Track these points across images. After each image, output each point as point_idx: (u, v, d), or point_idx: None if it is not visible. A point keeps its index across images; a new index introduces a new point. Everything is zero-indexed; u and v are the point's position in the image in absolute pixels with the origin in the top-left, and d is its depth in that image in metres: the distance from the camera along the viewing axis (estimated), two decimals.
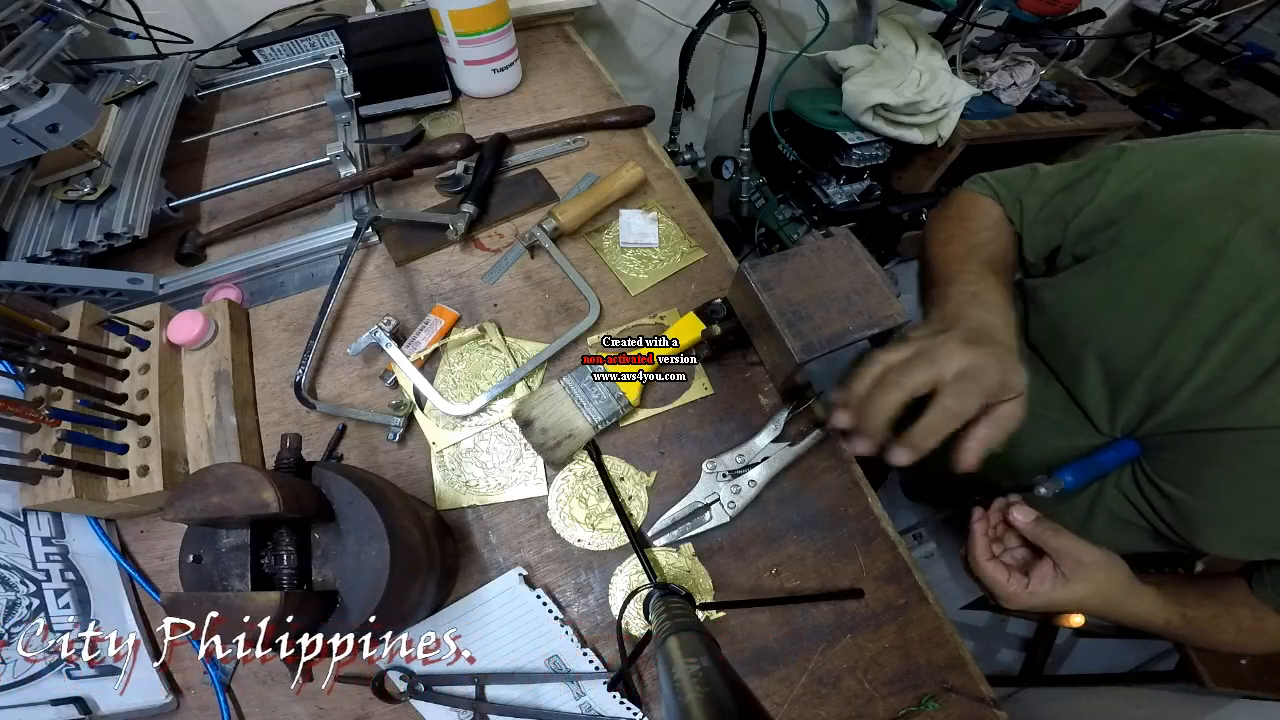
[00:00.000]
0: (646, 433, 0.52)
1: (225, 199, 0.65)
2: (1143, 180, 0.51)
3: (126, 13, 0.71)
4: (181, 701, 0.45)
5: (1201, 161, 0.49)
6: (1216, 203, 0.46)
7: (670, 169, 0.68)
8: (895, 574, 0.48)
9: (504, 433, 0.52)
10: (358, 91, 0.69)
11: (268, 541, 0.32)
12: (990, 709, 0.44)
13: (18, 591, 0.44)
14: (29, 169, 0.59)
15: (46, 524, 0.46)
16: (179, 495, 0.30)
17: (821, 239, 0.48)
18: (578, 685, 0.45)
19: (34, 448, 0.42)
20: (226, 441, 0.48)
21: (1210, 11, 1.40)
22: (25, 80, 0.46)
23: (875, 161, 1.31)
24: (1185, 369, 0.47)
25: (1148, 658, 1.31)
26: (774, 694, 0.45)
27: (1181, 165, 0.49)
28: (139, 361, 0.49)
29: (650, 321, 0.57)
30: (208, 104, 0.76)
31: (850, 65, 1.24)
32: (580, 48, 0.83)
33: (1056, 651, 1.32)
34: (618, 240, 0.61)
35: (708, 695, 0.24)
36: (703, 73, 1.27)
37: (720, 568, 0.48)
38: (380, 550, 0.32)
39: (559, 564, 0.48)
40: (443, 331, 0.55)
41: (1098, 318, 0.53)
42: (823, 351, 0.44)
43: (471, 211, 0.60)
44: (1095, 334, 0.53)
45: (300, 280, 0.60)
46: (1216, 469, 0.48)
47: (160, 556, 0.48)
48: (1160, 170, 0.50)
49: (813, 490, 0.50)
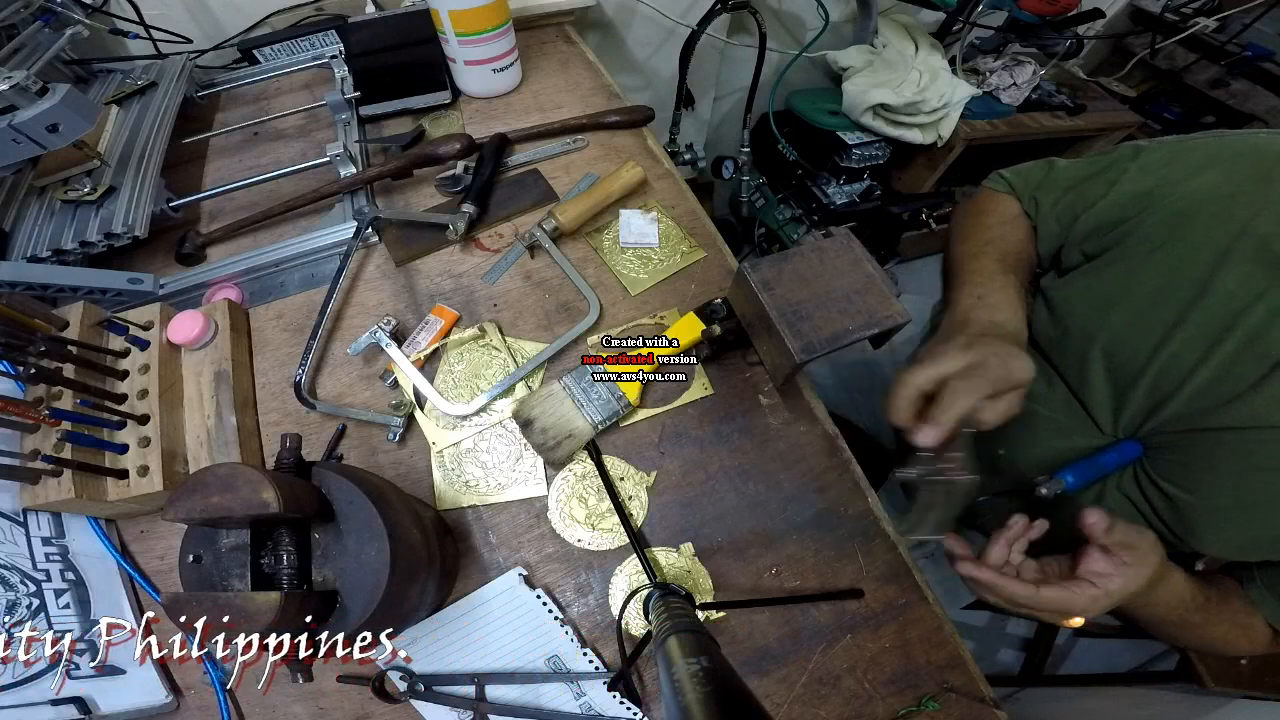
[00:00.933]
0: (646, 433, 0.52)
1: (225, 199, 0.65)
2: (1158, 177, 0.51)
3: (126, 13, 0.71)
4: (181, 701, 0.45)
5: (1216, 160, 0.49)
6: (1228, 201, 0.46)
7: (670, 169, 0.68)
8: (895, 574, 0.48)
9: (504, 433, 0.52)
10: (358, 91, 0.69)
11: (268, 541, 0.32)
12: (990, 709, 0.45)
13: (18, 591, 0.44)
14: (29, 169, 0.59)
15: (46, 524, 0.46)
16: (179, 495, 0.30)
17: (821, 239, 0.48)
18: (578, 685, 0.45)
19: (34, 448, 0.42)
20: (226, 441, 0.48)
21: (1210, 11, 1.40)
22: (25, 80, 0.46)
23: (875, 161, 1.31)
24: (1188, 367, 0.47)
25: (1148, 658, 1.31)
26: (774, 694, 0.45)
27: (1197, 163, 0.50)
28: (139, 361, 0.49)
29: (650, 321, 0.57)
30: (208, 104, 0.76)
31: (850, 65, 1.24)
32: (580, 48, 0.83)
33: (1056, 651, 1.32)
34: (618, 240, 0.61)
35: (708, 695, 0.24)
36: (703, 73, 1.27)
37: (720, 568, 0.48)
38: (380, 550, 0.32)
39: (559, 564, 0.48)
40: (443, 331, 0.55)
41: (1104, 315, 0.53)
42: (823, 351, 0.44)
43: (471, 211, 0.60)
44: (1101, 332, 0.53)
45: (300, 280, 0.60)
46: (1217, 468, 0.48)
47: (160, 556, 0.48)
48: (1175, 168, 0.50)
49: (813, 490, 0.50)
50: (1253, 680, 0.92)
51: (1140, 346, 0.50)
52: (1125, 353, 0.52)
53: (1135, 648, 1.32)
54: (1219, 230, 0.46)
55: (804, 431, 0.52)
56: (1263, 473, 0.45)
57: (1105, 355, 0.53)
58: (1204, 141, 0.51)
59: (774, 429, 0.52)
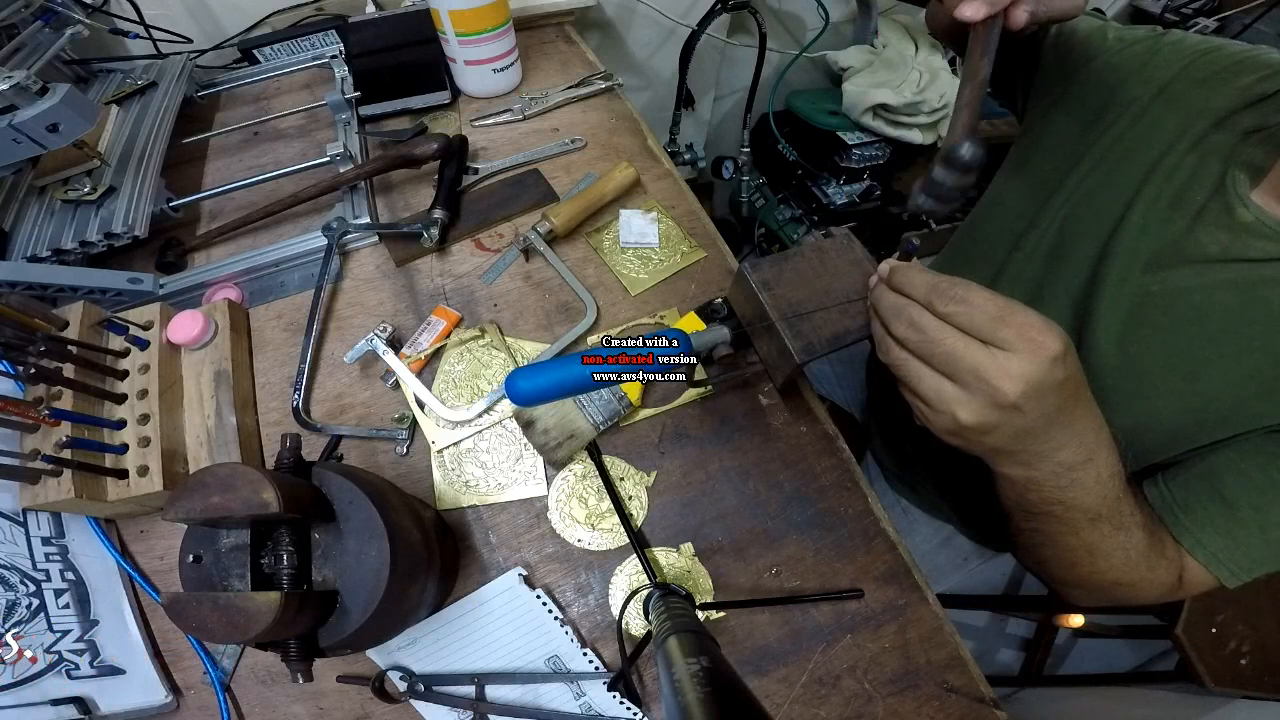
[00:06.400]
0: (646, 433, 0.52)
1: (225, 199, 0.65)
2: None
3: (126, 13, 0.71)
4: (181, 701, 0.45)
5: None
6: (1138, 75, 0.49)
7: (670, 169, 0.68)
8: (895, 574, 0.48)
9: (504, 433, 0.52)
10: (358, 91, 0.69)
11: (268, 541, 0.32)
12: (990, 709, 0.44)
13: (18, 591, 0.44)
14: (29, 169, 0.59)
15: (46, 524, 0.46)
16: (179, 495, 0.30)
17: (822, 239, 0.48)
18: (578, 685, 0.45)
19: (34, 448, 0.42)
20: (226, 441, 0.48)
21: (1210, 11, 1.40)
22: (25, 80, 0.46)
23: (875, 162, 1.31)
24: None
25: (1148, 658, 1.31)
26: (774, 694, 0.45)
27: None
28: (139, 361, 0.49)
29: (650, 321, 0.57)
30: (208, 104, 0.76)
31: (850, 65, 1.24)
32: (580, 48, 0.83)
33: (1056, 651, 1.32)
34: (618, 240, 0.61)
35: (708, 695, 0.24)
36: (703, 73, 1.27)
37: (720, 568, 0.48)
38: (380, 550, 0.32)
39: (559, 564, 0.48)
40: (444, 332, 0.55)
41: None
42: (823, 352, 0.44)
43: (442, 216, 0.59)
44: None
45: (300, 280, 0.60)
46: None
47: (160, 556, 0.48)
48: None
49: (813, 490, 0.50)
50: (1253, 680, 0.92)
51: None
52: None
53: (1135, 648, 1.32)
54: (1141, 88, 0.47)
55: (804, 431, 0.52)
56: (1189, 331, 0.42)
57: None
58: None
59: (774, 429, 0.52)
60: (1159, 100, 0.48)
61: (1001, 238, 0.58)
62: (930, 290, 0.33)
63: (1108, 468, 0.37)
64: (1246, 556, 0.40)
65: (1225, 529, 0.40)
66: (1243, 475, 0.41)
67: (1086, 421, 0.35)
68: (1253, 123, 0.43)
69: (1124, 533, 0.40)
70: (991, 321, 0.31)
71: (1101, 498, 0.38)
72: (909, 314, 0.34)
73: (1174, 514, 0.42)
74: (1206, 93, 0.46)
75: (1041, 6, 0.37)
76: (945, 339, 0.32)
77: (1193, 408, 0.43)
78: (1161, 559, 0.41)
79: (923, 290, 0.33)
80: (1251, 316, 0.41)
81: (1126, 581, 0.42)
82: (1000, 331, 0.30)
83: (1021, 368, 0.30)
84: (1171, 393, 0.43)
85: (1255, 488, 0.40)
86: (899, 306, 0.34)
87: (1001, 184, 0.63)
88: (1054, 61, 0.56)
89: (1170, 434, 0.44)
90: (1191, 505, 0.42)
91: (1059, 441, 0.35)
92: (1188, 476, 0.43)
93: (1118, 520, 0.39)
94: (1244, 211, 0.42)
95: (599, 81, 0.75)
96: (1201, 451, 0.43)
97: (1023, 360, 0.30)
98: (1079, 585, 0.46)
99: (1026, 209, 0.55)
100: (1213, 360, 0.42)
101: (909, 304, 0.34)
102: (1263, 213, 0.41)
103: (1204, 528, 0.41)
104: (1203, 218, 0.44)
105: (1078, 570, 0.43)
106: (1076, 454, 0.35)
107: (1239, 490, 0.40)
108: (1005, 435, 0.33)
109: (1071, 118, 0.54)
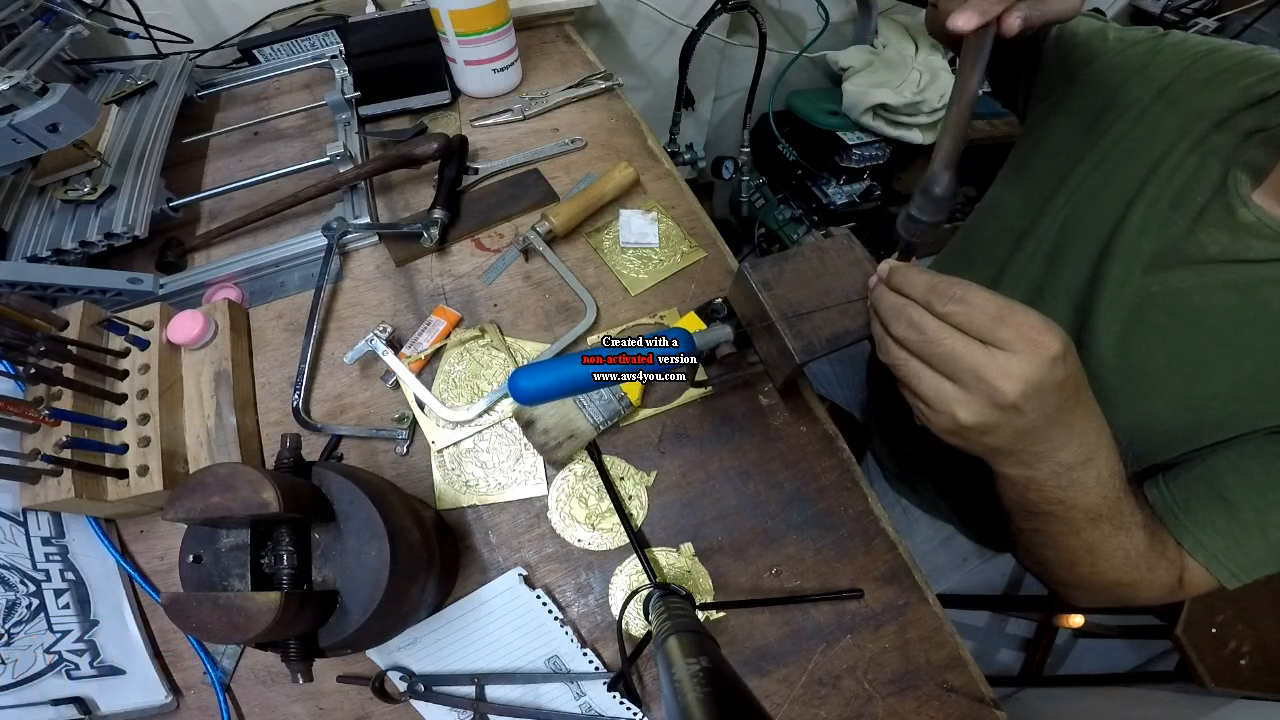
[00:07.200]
0: (646, 433, 0.52)
1: (225, 199, 0.65)
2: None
3: (126, 13, 0.71)
4: (181, 701, 0.45)
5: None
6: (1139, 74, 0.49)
7: (670, 169, 0.68)
8: (895, 574, 0.48)
9: (504, 433, 0.52)
10: (358, 91, 0.69)
11: (268, 541, 0.32)
12: (990, 709, 0.44)
13: (18, 591, 0.44)
14: (29, 169, 0.59)
15: (46, 524, 0.46)
16: (179, 495, 0.30)
17: (822, 239, 0.48)
18: (578, 685, 0.45)
19: (34, 448, 0.42)
20: (226, 441, 0.48)
21: (1210, 11, 1.40)
22: (25, 80, 0.46)
23: (875, 162, 1.31)
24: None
25: (1148, 658, 1.31)
26: (774, 694, 0.45)
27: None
28: (139, 361, 0.49)
29: (650, 321, 0.57)
30: (208, 104, 0.76)
31: (850, 65, 1.24)
32: (580, 48, 0.83)
33: (1056, 651, 1.32)
34: (618, 240, 0.61)
35: (708, 695, 0.24)
36: (703, 73, 1.27)
37: (720, 568, 0.48)
38: (380, 550, 0.32)
39: (559, 564, 0.48)
40: (445, 332, 0.55)
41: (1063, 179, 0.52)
42: (824, 352, 0.44)
43: (442, 216, 0.59)
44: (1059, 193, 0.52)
45: (300, 280, 0.60)
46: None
47: (160, 556, 0.48)
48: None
49: (813, 490, 0.50)
50: (1253, 680, 0.92)
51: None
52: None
53: (1135, 648, 1.32)
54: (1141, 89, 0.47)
55: (804, 431, 0.52)
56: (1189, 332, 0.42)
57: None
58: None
59: (774, 429, 0.52)
60: (1160, 101, 0.48)
61: (1002, 238, 0.58)
62: (930, 290, 0.33)
63: (1108, 468, 0.37)
64: (1247, 558, 0.40)
65: (1226, 530, 0.40)
66: (1244, 476, 0.41)
67: (1087, 422, 0.35)
68: (1254, 123, 0.43)
69: (1124, 533, 0.40)
70: (991, 321, 0.31)
71: (1102, 498, 0.37)
72: (908, 314, 0.33)
73: (1174, 515, 0.42)
74: (1208, 93, 0.46)
75: (1036, 11, 0.37)
76: (945, 339, 0.32)
77: (1193, 408, 0.43)
78: (1162, 560, 0.41)
79: (922, 290, 0.33)
80: (1252, 317, 0.41)
81: (1127, 582, 0.42)
82: (1000, 331, 0.30)
83: (1021, 368, 0.30)
84: (1172, 393, 0.43)
85: (1256, 489, 0.40)
86: (898, 306, 0.34)
87: (1002, 185, 0.63)
88: (1055, 63, 0.56)
89: (1170, 434, 0.44)
90: (1192, 506, 0.42)
91: (1059, 441, 0.34)
92: (1188, 477, 0.43)
93: (1118, 520, 0.39)
94: (1245, 212, 0.42)
95: (599, 81, 0.75)
96: (1202, 452, 0.43)
97: (1022, 360, 0.30)
98: (1079, 586, 0.46)
99: (1027, 209, 0.55)
100: (1213, 361, 0.42)
101: (908, 304, 0.34)
102: (1264, 213, 0.41)
103: (1205, 529, 0.41)
104: (1204, 218, 0.44)
105: (1078, 570, 0.43)
106: (1077, 454, 0.35)
107: (1240, 491, 0.40)
108: (1005, 435, 0.33)
109: (1072, 119, 0.54)
